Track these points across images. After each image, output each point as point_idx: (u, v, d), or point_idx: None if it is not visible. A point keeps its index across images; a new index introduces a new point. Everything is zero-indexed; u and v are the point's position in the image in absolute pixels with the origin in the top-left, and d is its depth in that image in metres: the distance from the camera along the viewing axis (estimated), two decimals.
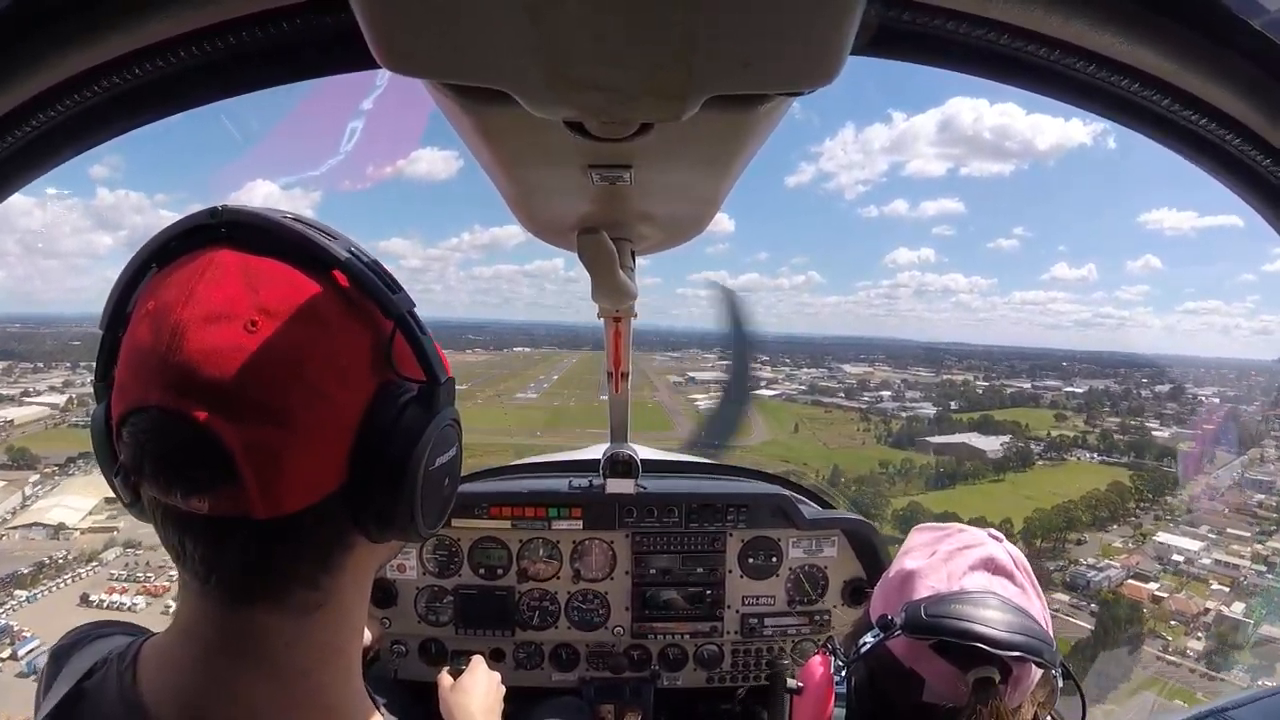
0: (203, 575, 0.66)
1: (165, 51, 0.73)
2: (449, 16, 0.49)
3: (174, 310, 0.61)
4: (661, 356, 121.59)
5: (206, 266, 0.63)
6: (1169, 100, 0.75)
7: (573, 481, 2.61)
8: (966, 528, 1.22)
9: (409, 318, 0.67)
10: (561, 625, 2.59)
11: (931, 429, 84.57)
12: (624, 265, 1.24)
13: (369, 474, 0.65)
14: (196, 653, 0.69)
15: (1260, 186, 0.83)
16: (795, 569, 2.61)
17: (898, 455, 76.93)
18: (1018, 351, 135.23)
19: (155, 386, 0.60)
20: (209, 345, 0.60)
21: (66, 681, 0.72)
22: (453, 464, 0.73)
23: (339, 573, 0.70)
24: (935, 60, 0.79)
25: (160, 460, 0.62)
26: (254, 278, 0.63)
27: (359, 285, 0.66)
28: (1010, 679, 1.03)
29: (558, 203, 1.02)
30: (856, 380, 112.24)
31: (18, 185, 0.83)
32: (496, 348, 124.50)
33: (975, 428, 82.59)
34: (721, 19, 0.48)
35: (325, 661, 0.71)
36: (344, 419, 0.64)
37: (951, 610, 1.03)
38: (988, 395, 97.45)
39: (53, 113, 0.75)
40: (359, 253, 0.67)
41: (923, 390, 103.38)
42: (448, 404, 0.70)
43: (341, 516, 0.66)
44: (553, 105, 0.59)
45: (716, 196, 1.01)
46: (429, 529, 0.71)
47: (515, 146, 0.78)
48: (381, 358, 0.67)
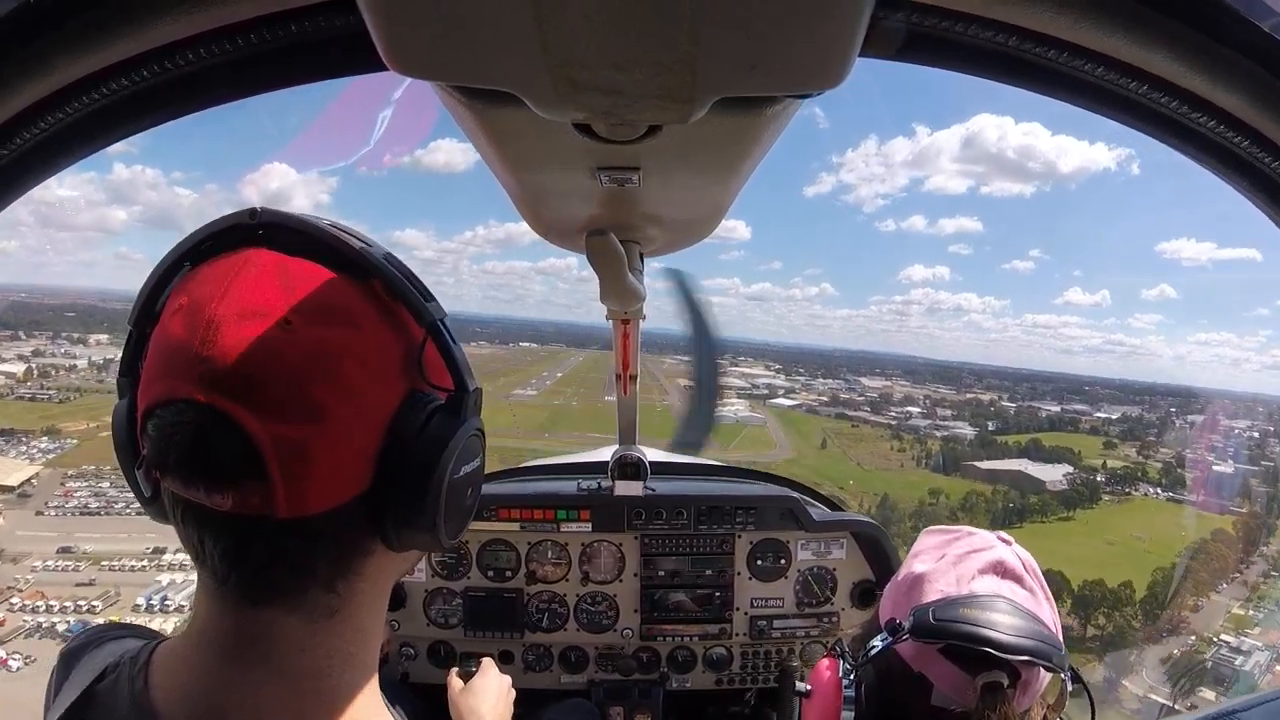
0: (221, 575, 0.66)
1: (173, 54, 0.73)
2: (457, 19, 0.49)
3: (209, 305, 0.61)
4: (671, 359, 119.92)
5: (244, 265, 0.63)
6: (1177, 103, 0.75)
7: (581, 484, 2.59)
8: (976, 531, 1.21)
9: (441, 326, 0.67)
10: (570, 627, 2.57)
11: (975, 452, 77.00)
12: (633, 267, 1.23)
13: (394, 479, 0.65)
14: (209, 656, 0.69)
15: (1270, 190, 0.82)
16: (804, 571, 2.58)
17: (944, 482, 68.75)
18: (1031, 374, 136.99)
19: (186, 379, 0.60)
20: (243, 340, 0.60)
21: (77, 683, 0.73)
22: (476, 474, 0.73)
23: (356, 579, 0.69)
24: (942, 63, 0.78)
25: (186, 453, 0.61)
26: (291, 278, 0.63)
27: (393, 292, 0.66)
28: (1019, 683, 1.03)
29: (566, 205, 1.02)
30: (878, 393, 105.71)
31: (31, 184, 0.84)
32: (503, 341, 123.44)
33: (1024, 453, 74.93)
34: (728, 21, 0.48)
35: (339, 667, 0.71)
36: (373, 422, 0.64)
37: (960, 614, 1.02)
38: (1022, 417, 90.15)
39: (64, 113, 0.75)
40: (395, 260, 0.68)
41: (953, 408, 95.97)
42: (474, 413, 0.70)
43: (363, 521, 0.66)
44: (560, 107, 0.59)
45: (725, 199, 1.01)
46: (450, 538, 0.71)
47: (524, 149, 0.78)
48: (413, 364, 0.67)
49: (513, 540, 2.54)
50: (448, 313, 0.68)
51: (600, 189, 0.85)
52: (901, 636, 1.06)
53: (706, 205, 1.06)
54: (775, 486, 2.75)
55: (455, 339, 0.69)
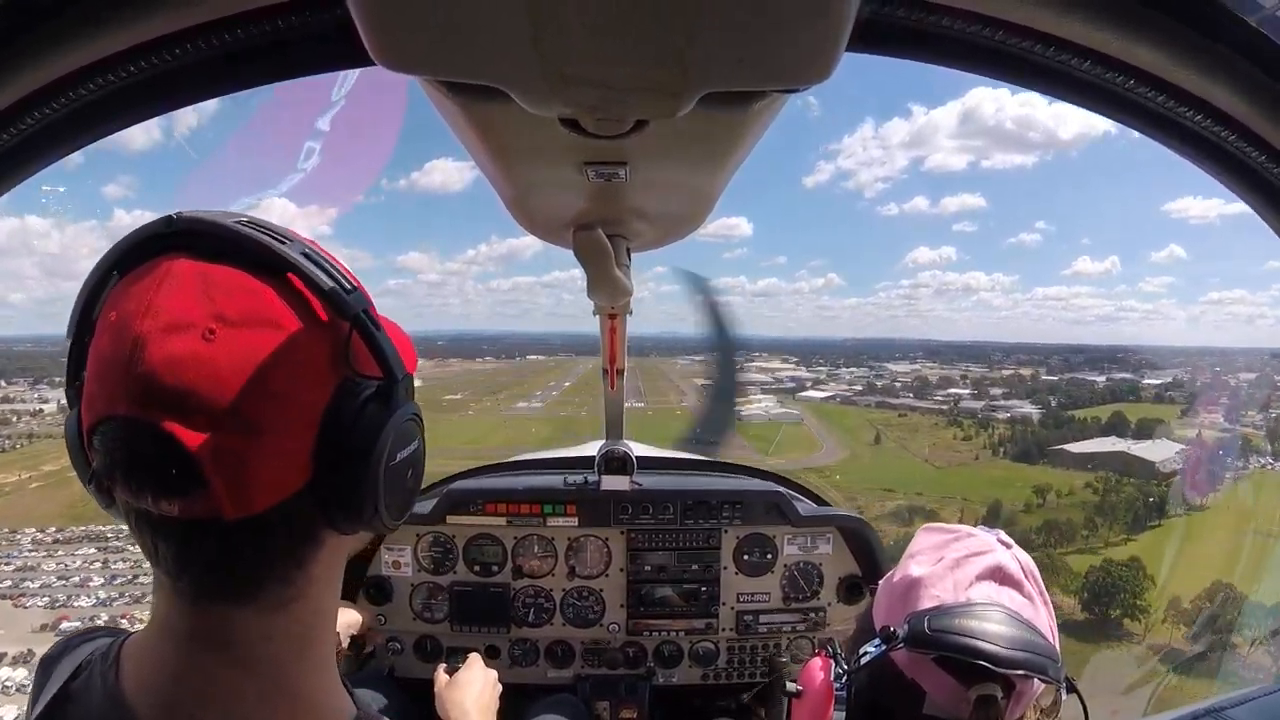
0: (175, 574, 0.68)
1: (160, 49, 0.72)
2: (444, 13, 0.49)
3: (134, 322, 0.62)
4: (684, 360, 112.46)
5: (164, 276, 0.65)
6: (1165, 97, 0.75)
7: (568, 478, 2.60)
8: (975, 531, 1.19)
9: (364, 316, 0.68)
10: (557, 622, 2.59)
11: (1052, 433, 66.95)
12: (620, 262, 1.24)
13: (333, 470, 0.67)
14: (172, 649, 0.71)
15: (1258, 185, 0.83)
16: (790, 566, 2.60)
17: (1034, 474, 58.72)
18: (1057, 347, 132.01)
19: (121, 397, 0.62)
20: (169, 355, 0.61)
21: (55, 685, 0.75)
22: (415, 457, 0.75)
23: (310, 566, 0.72)
24: (931, 57, 0.79)
25: (130, 468, 0.64)
26: (210, 286, 0.64)
27: (313, 287, 0.67)
28: (1013, 694, 1.03)
29: (554, 199, 1.03)
30: (913, 378, 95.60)
31: (7, 185, 0.84)
32: (508, 356, 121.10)
33: (1110, 430, 65.02)
34: (715, 16, 0.48)
35: (299, 653, 0.74)
36: (306, 418, 0.66)
37: (955, 625, 1.02)
38: (1079, 391, 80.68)
39: (45, 111, 0.75)
40: (314, 254, 0.68)
41: (1004, 386, 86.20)
42: (407, 400, 0.72)
43: (310, 512, 0.68)
44: (548, 102, 0.59)
45: (712, 193, 1.02)
46: (393, 520, 0.73)
47: (511, 143, 0.79)
48: (340, 357, 0.68)
49: (499, 535, 2.56)
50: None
51: (588, 184, 0.86)
52: (896, 645, 1.06)
53: (694, 199, 1.06)
54: (761, 481, 2.76)
55: (379, 326, 0.70)
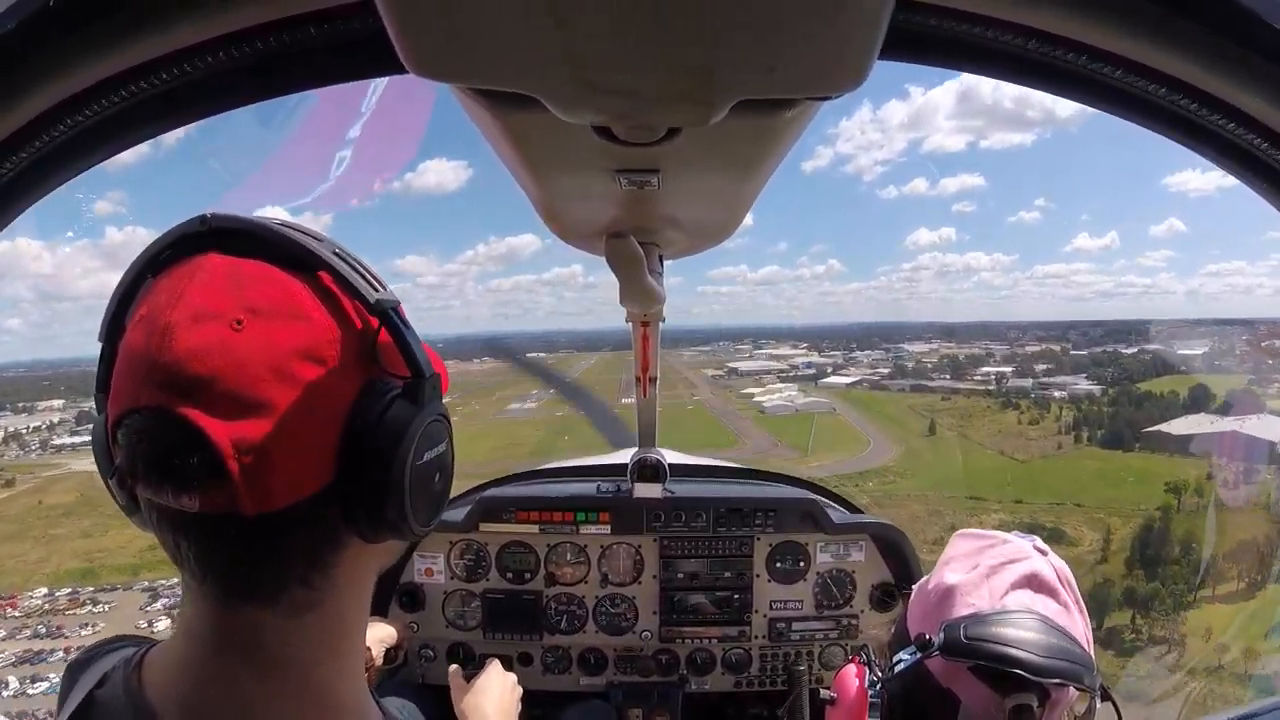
0: (199, 575, 0.68)
1: (193, 56, 0.73)
2: (477, 22, 0.49)
3: (164, 312, 0.63)
4: (690, 352, 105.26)
5: (196, 270, 0.65)
6: (1195, 104, 0.75)
7: (600, 486, 2.61)
8: (1010, 537, 1.19)
9: (393, 314, 0.69)
10: (589, 629, 2.60)
11: (1129, 413, 59.20)
12: (652, 269, 1.25)
13: (357, 469, 0.66)
14: (196, 653, 0.71)
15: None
16: (823, 573, 2.59)
17: (1134, 461, 50.76)
18: (1070, 323, 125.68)
19: (146, 387, 0.62)
20: (196, 343, 0.61)
21: (80, 692, 0.75)
22: (442, 459, 0.74)
23: (333, 571, 0.71)
24: (959, 64, 0.79)
25: (151, 459, 0.63)
26: (241, 279, 0.65)
27: (343, 284, 0.68)
28: (1048, 703, 1.02)
29: (586, 207, 1.03)
30: (940, 358, 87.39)
31: (48, 188, 0.84)
32: (508, 356, 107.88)
33: (1192, 406, 57.60)
34: (747, 24, 0.48)
35: (322, 660, 0.73)
36: (330, 414, 0.65)
37: (991, 633, 1.01)
38: (1133, 364, 73.36)
39: (82, 116, 0.76)
40: (344, 254, 0.69)
41: (1047, 362, 78.53)
42: (434, 399, 0.71)
43: (332, 514, 0.67)
44: (580, 110, 0.59)
45: (744, 200, 1.02)
46: (421, 525, 0.71)
47: (544, 152, 0.79)
48: (367, 354, 0.68)
49: (532, 542, 2.57)
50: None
51: (620, 191, 0.85)
52: (931, 653, 1.05)
53: (726, 207, 1.07)
54: (794, 489, 2.75)
55: (408, 325, 0.70)
